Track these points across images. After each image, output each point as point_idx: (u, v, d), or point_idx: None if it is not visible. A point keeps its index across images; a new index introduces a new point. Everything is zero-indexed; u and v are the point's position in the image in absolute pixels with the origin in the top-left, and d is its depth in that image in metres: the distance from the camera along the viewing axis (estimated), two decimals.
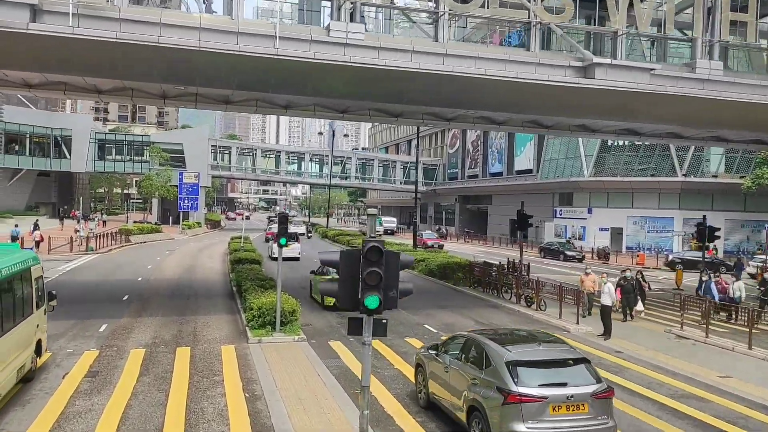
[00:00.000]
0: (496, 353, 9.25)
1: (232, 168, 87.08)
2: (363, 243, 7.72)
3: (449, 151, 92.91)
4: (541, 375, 8.93)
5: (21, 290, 11.81)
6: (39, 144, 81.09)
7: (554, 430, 8.55)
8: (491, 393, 8.85)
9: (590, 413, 8.73)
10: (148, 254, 41.25)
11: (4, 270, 10.79)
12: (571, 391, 8.75)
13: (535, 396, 8.58)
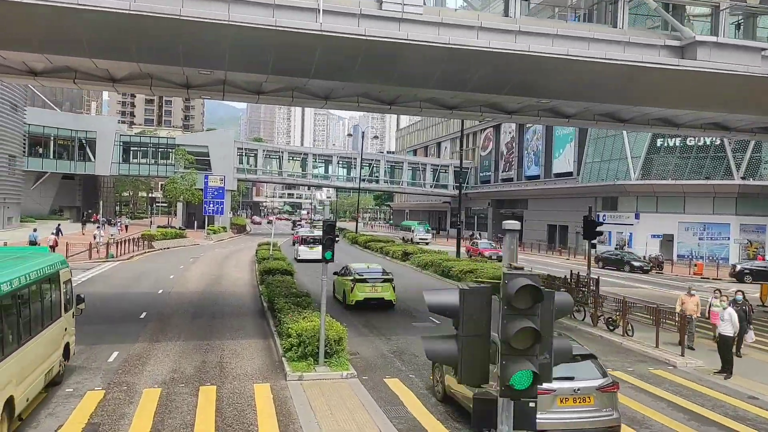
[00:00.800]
0: None
1: (258, 171, 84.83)
2: (504, 278, 4.72)
3: (481, 154, 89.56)
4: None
5: (50, 294, 11.87)
6: (63, 146, 79.68)
7: (561, 421, 9.11)
8: None
9: (596, 405, 9.31)
10: (171, 262, 38.75)
11: (32, 273, 10.81)
12: (577, 384, 9.33)
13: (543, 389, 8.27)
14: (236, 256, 44.88)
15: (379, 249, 48.49)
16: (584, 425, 9.33)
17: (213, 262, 39.29)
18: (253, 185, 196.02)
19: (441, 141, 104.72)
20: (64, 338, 12.75)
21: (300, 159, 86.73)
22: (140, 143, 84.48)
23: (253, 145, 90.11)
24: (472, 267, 29.31)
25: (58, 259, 12.98)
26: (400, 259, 41.23)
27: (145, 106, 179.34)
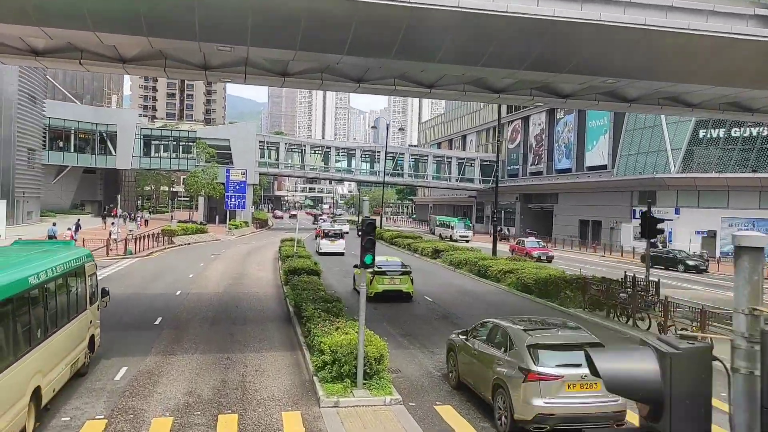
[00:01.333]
0: (519, 337, 10.28)
1: (281, 165, 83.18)
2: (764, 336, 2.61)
3: (509, 147, 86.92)
4: (558, 357, 9.82)
5: (75, 286, 12.07)
6: (84, 140, 78.85)
7: (569, 406, 9.46)
8: (513, 372, 9.89)
9: (602, 392, 9.18)
10: (191, 259, 37.11)
11: (59, 267, 11.01)
12: (585, 371, 8.96)
13: (552, 375, 9.49)
14: (259, 253, 43.16)
15: (406, 245, 46.43)
16: (591, 410, 9.59)
17: (234, 260, 37.57)
18: (274, 179, 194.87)
19: (466, 134, 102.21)
20: (89, 330, 12.99)
21: (322, 152, 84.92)
22: (161, 137, 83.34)
23: (275, 138, 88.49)
24: (511, 267, 27.09)
25: (84, 253, 13.24)
26: (430, 256, 39.17)
27: (167, 100, 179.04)
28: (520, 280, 24.58)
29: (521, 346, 10.10)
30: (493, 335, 11.25)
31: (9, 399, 8.48)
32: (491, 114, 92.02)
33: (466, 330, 12.82)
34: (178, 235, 50.38)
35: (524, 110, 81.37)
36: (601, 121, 64.57)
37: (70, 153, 76.99)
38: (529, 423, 9.59)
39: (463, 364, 12.11)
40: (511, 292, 24.65)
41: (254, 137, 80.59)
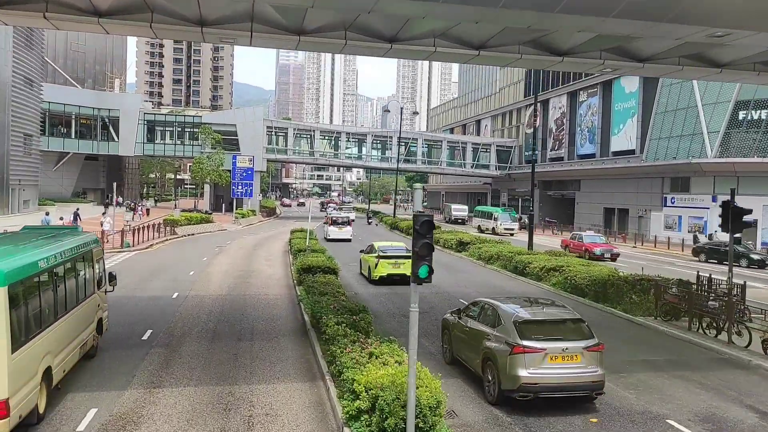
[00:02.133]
0: (507, 314, 11.24)
1: (289, 151, 79.94)
2: None
3: (527, 131, 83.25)
4: (542, 331, 10.76)
5: (83, 271, 12.35)
6: (85, 126, 75.84)
7: (551, 376, 10.33)
8: (501, 346, 10.80)
9: (582, 363, 10.45)
10: (193, 252, 34.03)
11: (67, 251, 11.27)
12: (566, 344, 10.52)
13: (535, 348, 10.40)
14: (267, 245, 40.04)
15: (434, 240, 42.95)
16: (571, 380, 10.36)
17: (241, 253, 34.45)
18: (282, 166, 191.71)
19: (481, 118, 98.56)
20: (97, 314, 13.26)
21: (332, 138, 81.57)
22: (165, 122, 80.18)
23: (283, 123, 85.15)
24: (555, 263, 23.73)
25: (91, 238, 13.40)
26: (455, 249, 35.90)
27: (173, 86, 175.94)
28: (569, 280, 21.23)
29: (509, 323, 10.95)
30: (484, 313, 12.03)
31: (22, 377, 8.82)
32: (508, 98, 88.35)
33: (459, 309, 13.56)
34: (181, 225, 47.35)
35: (543, 93, 77.65)
36: (628, 103, 60.90)
37: (71, 139, 74.01)
38: (514, 392, 10.40)
39: (456, 340, 12.96)
40: (559, 293, 21.34)
41: (262, 122, 77.34)
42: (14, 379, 8.54)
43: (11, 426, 8.51)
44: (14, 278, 8.76)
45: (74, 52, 79.78)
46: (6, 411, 8.29)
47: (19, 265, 9.23)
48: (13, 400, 8.45)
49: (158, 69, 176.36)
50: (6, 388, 8.32)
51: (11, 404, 8.40)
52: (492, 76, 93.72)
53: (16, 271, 8.91)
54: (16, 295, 8.84)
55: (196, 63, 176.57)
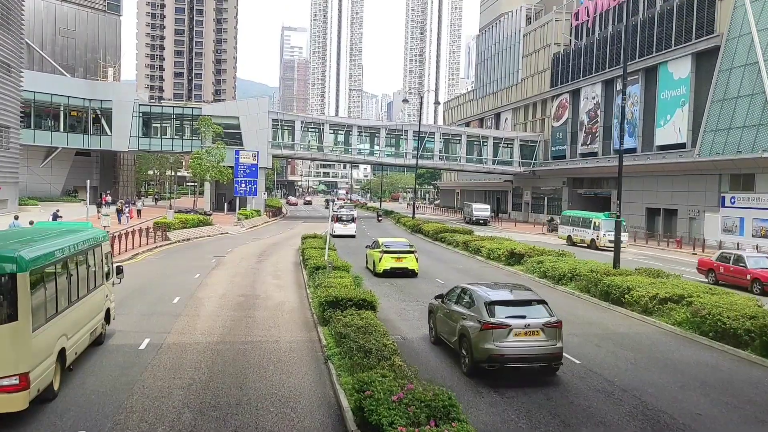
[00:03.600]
0: (479, 297, 12.79)
1: (296, 146, 73.70)
2: None
3: (553, 125, 76.83)
4: (508, 311, 12.32)
5: (93, 262, 13.28)
6: (75, 118, 69.80)
7: (515, 348, 11.82)
8: (474, 324, 12.30)
9: (543, 338, 11.94)
10: (184, 265, 27.89)
11: (78, 244, 12.29)
12: (528, 321, 12.07)
13: (501, 324, 11.93)
14: (274, 255, 33.80)
15: (461, 244, 36.59)
16: (533, 352, 11.87)
17: (242, 267, 28.22)
18: (287, 163, 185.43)
19: (501, 111, 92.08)
20: (105, 304, 14.24)
21: (342, 132, 75.28)
22: (162, 114, 74.05)
23: (289, 116, 78.87)
24: (671, 290, 17.28)
25: (100, 233, 14.43)
26: (505, 261, 29.47)
27: (174, 80, 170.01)
28: (714, 320, 14.77)
29: (480, 304, 12.54)
30: (461, 297, 13.64)
31: (40, 355, 9.89)
32: (532, 88, 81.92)
33: (442, 294, 14.96)
34: (175, 229, 41.21)
35: (573, 82, 71.21)
36: (677, 90, 54.44)
37: (60, 133, 68.01)
38: (483, 362, 11.95)
39: (439, 321, 14.46)
40: (695, 339, 15.01)
41: (267, 115, 71.19)
42: (34, 355, 9.60)
43: (31, 397, 9.46)
44: (34, 265, 9.84)
45: (64, 38, 73.67)
46: (27, 383, 9.31)
47: (39, 254, 10.28)
48: (32, 374, 9.46)
49: (159, 62, 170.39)
50: (27, 362, 9.37)
51: (31, 377, 9.40)
52: (514, 65, 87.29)
53: (35, 259, 9.99)
54: (36, 280, 9.95)
55: (198, 56, 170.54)
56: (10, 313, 9.31)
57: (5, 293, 9.35)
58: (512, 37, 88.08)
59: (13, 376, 9.19)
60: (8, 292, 9.34)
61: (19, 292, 9.37)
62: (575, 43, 72.46)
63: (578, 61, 70.82)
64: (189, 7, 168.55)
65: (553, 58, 76.39)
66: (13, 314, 9.32)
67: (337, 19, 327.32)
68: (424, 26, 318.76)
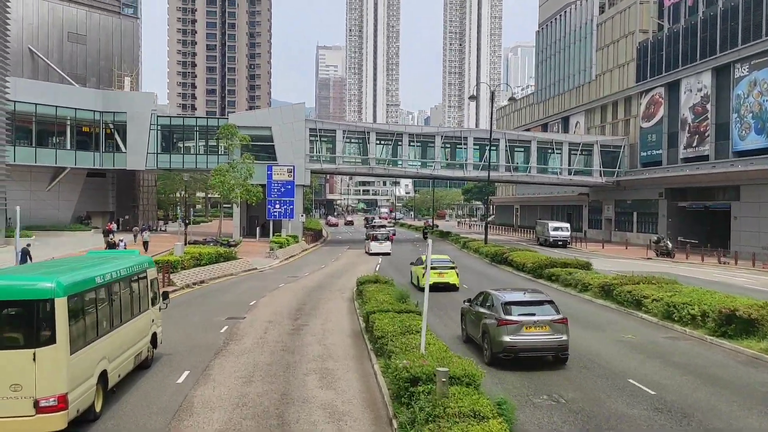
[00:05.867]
0: (497, 298, 15.14)
1: (338, 159, 62.97)
2: None
3: (642, 126, 64.38)
4: (521, 310, 14.60)
5: (137, 288, 13.72)
6: (85, 134, 60.54)
7: (526, 340, 14.16)
8: (492, 321, 14.62)
9: (550, 331, 14.24)
10: (170, 346, 16.81)
11: (122, 270, 12.74)
12: (537, 318, 14.35)
13: (513, 320, 14.25)
14: (318, 313, 22.49)
15: (600, 289, 24.31)
16: (541, 343, 14.21)
17: (267, 347, 16.94)
18: (326, 180, 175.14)
19: (570, 114, 79.97)
20: (151, 328, 14.54)
21: (390, 142, 64.25)
22: (184, 127, 64.35)
23: (330, 124, 68.25)
24: None
25: (146, 260, 14.94)
26: (715, 330, 17.43)
27: (207, 97, 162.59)
28: None
29: (498, 304, 14.84)
30: (485, 300, 15.85)
31: (79, 377, 10.25)
32: (611, 85, 69.67)
33: (470, 299, 17.22)
34: (184, 268, 30.43)
35: (669, 73, 58.85)
36: None
37: (66, 150, 58.73)
38: (500, 353, 14.24)
39: (467, 322, 16.99)
40: None
41: (303, 124, 60.77)
42: (72, 377, 9.96)
43: (70, 418, 9.84)
44: (73, 290, 10.31)
45: (73, 44, 64.79)
46: (65, 404, 9.71)
47: (78, 279, 10.77)
48: (71, 395, 9.86)
49: (191, 80, 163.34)
50: (64, 384, 9.74)
51: (69, 398, 9.80)
52: (585, 60, 75.24)
53: (74, 285, 10.46)
54: (75, 305, 10.37)
55: (230, 71, 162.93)
56: (49, 337, 9.75)
57: (44, 317, 9.83)
58: (582, 29, 76.18)
59: (52, 397, 9.59)
60: (47, 317, 9.81)
61: (57, 317, 9.81)
62: (669, 27, 60.23)
63: (674, 47, 58.52)
64: (221, 22, 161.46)
65: (639, 47, 64.21)
66: (51, 337, 9.75)
67: (373, 33, 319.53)
68: (463, 37, 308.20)
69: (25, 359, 9.55)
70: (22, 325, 9.93)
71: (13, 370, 9.51)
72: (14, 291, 9.87)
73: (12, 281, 10.19)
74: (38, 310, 9.78)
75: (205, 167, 63.15)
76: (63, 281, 10.04)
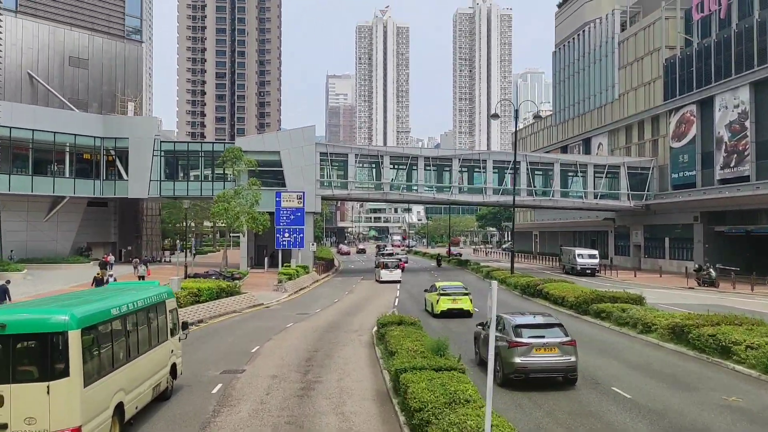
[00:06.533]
0: (509, 322, 15.70)
1: (350, 184, 59.67)
2: None
3: (672, 146, 60.70)
4: (531, 332, 15.24)
5: (156, 319, 13.70)
6: (86, 161, 57.73)
7: (536, 362, 14.75)
8: (504, 343, 15.08)
9: (559, 353, 14.86)
10: (160, 403, 13.20)
11: (139, 302, 12.74)
12: (546, 340, 15.03)
13: (524, 342, 14.89)
14: (332, 361, 18.79)
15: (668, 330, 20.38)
16: (551, 365, 14.81)
17: (274, 418, 13.25)
18: (336, 207, 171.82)
19: (591, 136, 76.44)
20: (170, 359, 14.45)
21: (404, 166, 60.97)
22: (188, 153, 61.42)
23: (341, 148, 65.27)
24: None
25: (165, 290, 14.97)
26: None
27: (216, 125, 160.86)
28: None
29: (509, 327, 15.39)
30: (497, 323, 14.38)
31: (94, 409, 10.24)
32: (636, 104, 66.26)
33: (483, 323, 17.89)
34: (182, 306, 26.76)
35: (701, 90, 55.35)
36: None
37: (65, 178, 55.85)
38: (512, 374, 14.86)
39: (480, 344, 17.46)
40: None
41: (313, 148, 57.70)
42: (86, 409, 9.94)
43: None
44: (87, 323, 10.32)
45: (74, 68, 62.39)
46: None
47: (92, 311, 10.80)
48: (85, 428, 9.84)
49: (200, 108, 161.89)
50: (78, 416, 9.73)
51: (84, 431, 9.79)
52: (607, 79, 71.99)
53: (88, 317, 10.47)
54: (89, 337, 10.38)
55: (240, 99, 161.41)
56: (63, 369, 9.74)
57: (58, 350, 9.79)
58: (602, 47, 73.08)
59: (66, 429, 9.56)
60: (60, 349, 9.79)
61: (70, 349, 9.79)
62: (699, 42, 56.94)
63: (706, 62, 55.12)
64: (230, 51, 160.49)
65: (665, 64, 60.90)
66: (65, 370, 9.74)
67: (383, 60, 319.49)
68: (473, 63, 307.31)
69: (40, 392, 9.61)
70: (37, 357, 9.95)
71: (28, 403, 9.57)
72: (28, 324, 9.93)
73: (26, 314, 10.20)
74: (52, 342, 9.81)
75: (211, 195, 59.90)
76: (77, 313, 10.13)
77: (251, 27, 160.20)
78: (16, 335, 9.76)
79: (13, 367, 9.69)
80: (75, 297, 12.69)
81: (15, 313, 10.29)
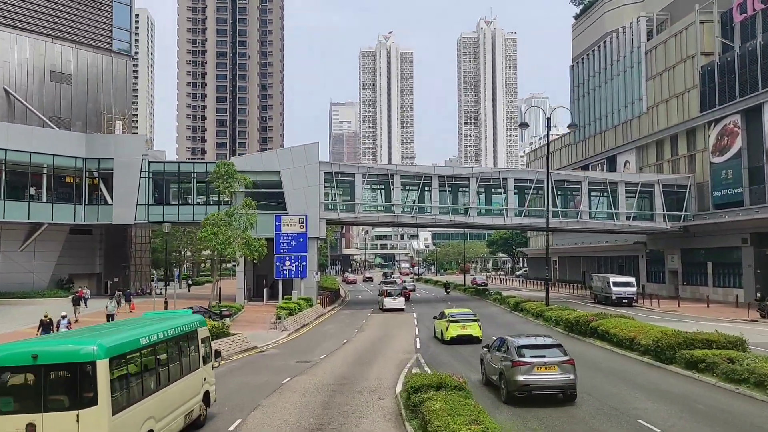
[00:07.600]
0: (512, 343, 16.93)
1: (357, 206, 53.95)
2: None
3: (713, 161, 54.90)
4: (532, 352, 16.43)
5: (187, 347, 13.97)
6: (66, 184, 52.29)
7: (537, 380, 15.83)
8: (508, 363, 16.30)
9: (558, 371, 15.97)
10: None
11: (170, 331, 12.96)
12: (547, 360, 16.15)
13: (526, 362, 15.99)
14: None
15: None
16: (551, 382, 15.88)
17: None
18: (342, 234, 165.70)
19: (616, 153, 70.75)
20: (203, 386, 14.70)
21: (416, 186, 55.31)
22: (180, 174, 55.85)
23: (347, 167, 59.74)
24: None
25: (197, 319, 15.24)
26: None
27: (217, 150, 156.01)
28: None
29: (512, 348, 16.56)
30: (501, 345, 17.50)
31: None
32: (668, 117, 60.72)
33: (488, 345, 19.04)
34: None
35: (746, 98, 49.80)
36: None
37: (41, 203, 50.30)
38: (515, 391, 15.90)
39: (486, 365, 18.60)
40: None
41: (317, 167, 52.13)
42: None
43: None
44: (115, 352, 10.46)
45: (56, 84, 57.23)
46: None
47: (121, 341, 10.98)
48: None
49: (201, 133, 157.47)
50: None
51: None
52: (634, 92, 66.60)
53: (117, 347, 10.63)
54: (118, 366, 10.50)
55: (241, 124, 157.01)
56: (91, 398, 9.92)
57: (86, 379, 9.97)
58: (627, 58, 67.86)
59: None
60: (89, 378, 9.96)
61: (98, 379, 9.95)
62: (741, 46, 51.59)
63: (751, 68, 49.64)
64: (231, 75, 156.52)
65: (701, 72, 55.47)
66: (93, 399, 9.91)
67: (386, 86, 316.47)
68: (478, 87, 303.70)
69: (70, 421, 9.76)
70: (67, 387, 10.15)
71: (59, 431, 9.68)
72: (58, 355, 10.14)
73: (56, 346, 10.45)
74: (81, 372, 9.98)
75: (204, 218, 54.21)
76: (105, 343, 10.31)
77: (253, 50, 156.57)
78: (47, 365, 9.98)
79: (44, 397, 9.92)
80: (108, 327, 13.33)
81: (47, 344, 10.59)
